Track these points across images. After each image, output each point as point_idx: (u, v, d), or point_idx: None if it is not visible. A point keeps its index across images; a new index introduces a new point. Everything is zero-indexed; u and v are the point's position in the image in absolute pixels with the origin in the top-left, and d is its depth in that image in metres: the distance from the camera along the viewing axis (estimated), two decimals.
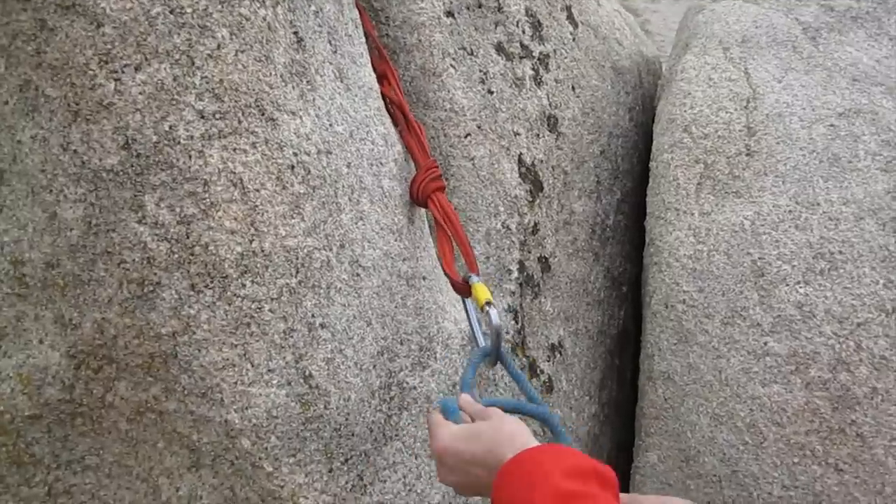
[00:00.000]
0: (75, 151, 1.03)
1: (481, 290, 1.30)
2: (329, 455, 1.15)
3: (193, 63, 1.04)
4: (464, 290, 1.35)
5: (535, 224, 1.81)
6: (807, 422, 1.48)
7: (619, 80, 2.25)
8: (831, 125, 1.66)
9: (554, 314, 1.86)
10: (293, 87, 1.16)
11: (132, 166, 1.03)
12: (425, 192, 1.46)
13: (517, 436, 0.99)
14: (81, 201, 1.05)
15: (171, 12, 1.02)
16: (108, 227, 1.05)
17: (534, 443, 0.98)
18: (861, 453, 1.44)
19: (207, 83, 1.05)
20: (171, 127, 1.03)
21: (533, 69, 1.87)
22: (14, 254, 1.10)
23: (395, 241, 1.33)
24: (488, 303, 1.25)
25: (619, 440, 2.16)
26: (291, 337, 1.12)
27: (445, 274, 1.43)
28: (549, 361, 1.82)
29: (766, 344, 1.54)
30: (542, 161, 1.84)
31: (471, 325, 1.42)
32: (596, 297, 2.06)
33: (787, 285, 1.54)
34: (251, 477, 1.12)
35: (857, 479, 1.44)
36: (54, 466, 1.18)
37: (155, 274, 1.05)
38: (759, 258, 1.58)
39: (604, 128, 2.13)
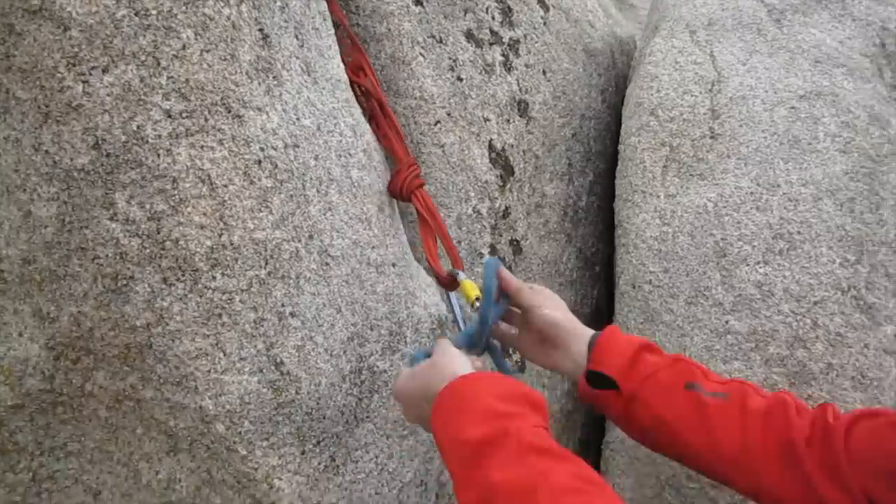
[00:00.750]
0: (47, 152, 1.07)
1: (470, 287, 1.36)
2: (301, 438, 1.20)
3: (159, 64, 1.07)
4: (449, 284, 1.41)
5: (507, 208, 1.85)
6: None
7: (592, 62, 2.28)
8: (792, 107, 1.70)
9: None
10: (259, 84, 1.19)
11: (102, 165, 1.07)
12: (409, 188, 1.51)
13: (452, 366, 1.09)
14: (55, 200, 1.09)
15: (136, 15, 1.05)
16: (81, 224, 1.09)
17: (469, 371, 1.07)
18: None
19: (174, 83, 1.08)
20: (139, 127, 1.06)
21: (503, 55, 1.91)
22: None
23: (364, 229, 1.37)
24: (478, 299, 1.31)
25: (594, 416, 2.22)
26: (262, 326, 1.16)
27: (430, 268, 1.48)
28: None
29: (727, 322, 1.59)
30: (512, 146, 1.88)
31: (455, 318, 1.47)
32: (569, 277, 2.11)
33: (748, 265, 1.59)
34: (226, 460, 1.17)
35: None
36: (38, 453, 1.23)
37: (128, 268, 1.09)
38: (722, 239, 1.63)
39: (575, 111, 2.17)
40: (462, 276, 1.38)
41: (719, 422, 1.11)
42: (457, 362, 1.11)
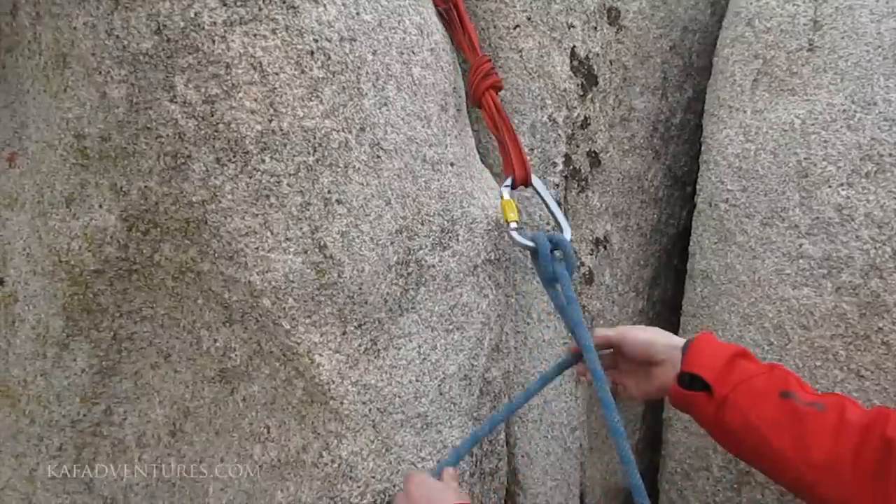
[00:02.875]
0: (118, 37, 1.15)
1: (509, 207, 1.39)
2: (343, 319, 1.28)
3: None
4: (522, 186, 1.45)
5: (586, 118, 1.82)
6: (833, 326, 1.47)
7: None
8: None
9: (601, 209, 1.89)
10: None
11: (164, 50, 1.15)
12: (478, 90, 1.51)
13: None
14: (124, 82, 1.18)
15: None
16: (146, 105, 1.18)
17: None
18: (885, 361, 1.42)
19: None
20: (196, 14, 1.13)
21: None
22: (76, 129, 1.26)
23: (423, 127, 1.40)
24: (516, 223, 1.36)
25: None
26: (308, 210, 1.23)
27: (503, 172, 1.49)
28: (591, 255, 1.86)
29: (801, 246, 1.51)
30: (598, 55, 1.83)
31: (550, 209, 1.49)
32: (653, 195, 2.06)
33: (830, 187, 1.50)
34: (273, 333, 1.27)
35: (878, 387, 1.43)
36: (118, 315, 1.37)
37: (186, 148, 1.18)
38: (805, 158, 1.54)
39: (677, 22, 2.06)
40: (506, 193, 1.40)
41: (813, 431, 1.11)
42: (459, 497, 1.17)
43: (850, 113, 1.52)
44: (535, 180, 1.50)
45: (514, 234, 1.38)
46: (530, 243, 1.37)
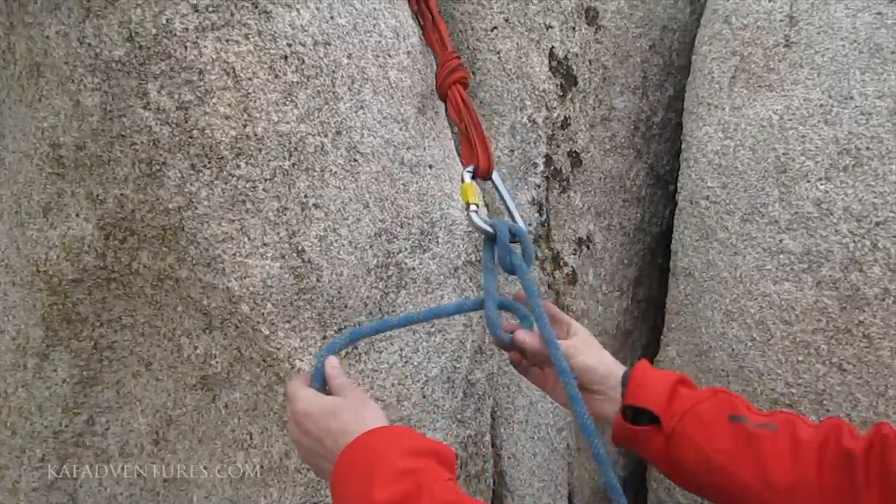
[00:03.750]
0: (90, 44, 1.15)
1: (470, 191, 1.34)
2: (322, 324, 1.28)
3: None
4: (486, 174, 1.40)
5: (566, 118, 1.82)
6: (814, 320, 1.47)
7: None
8: (878, 13, 1.56)
9: (583, 208, 1.89)
10: None
11: (136, 57, 1.14)
12: (443, 86, 1.51)
13: (359, 417, 1.00)
14: (97, 89, 1.17)
15: None
16: (120, 113, 1.17)
17: (374, 424, 0.99)
18: (866, 354, 1.43)
19: None
20: (167, 20, 1.13)
21: None
22: (52, 137, 1.25)
23: (400, 130, 1.40)
24: (475, 205, 1.31)
25: (656, 337, 2.20)
26: (284, 215, 1.23)
27: (462, 163, 1.47)
28: (575, 255, 1.87)
29: (781, 241, 1.52)
30: (577, 55, 1.83)
31: (507, 205, 1.45)
32: (636, 194, 2.06)
33: (809, 182, 1.50)
34: (252, 339, 1.26)
35: (860, 380, 1.44)
36: (98, 324, 1.37)
37: (160, 154, 1.18)
38: (784, 154, 1.54)
39: (656, 21, 2.07)
40: (468, 178, 1.37)
41: (770, 454, 1.05)
42: (366, 412, 1.03)
43: (828, 107, 1.53)
44: (495, 175, 1.47)
45: (474, 216, 1.34)
46: (489, 228, 1.32)
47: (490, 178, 1.47)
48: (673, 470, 1.15)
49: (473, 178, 1.43)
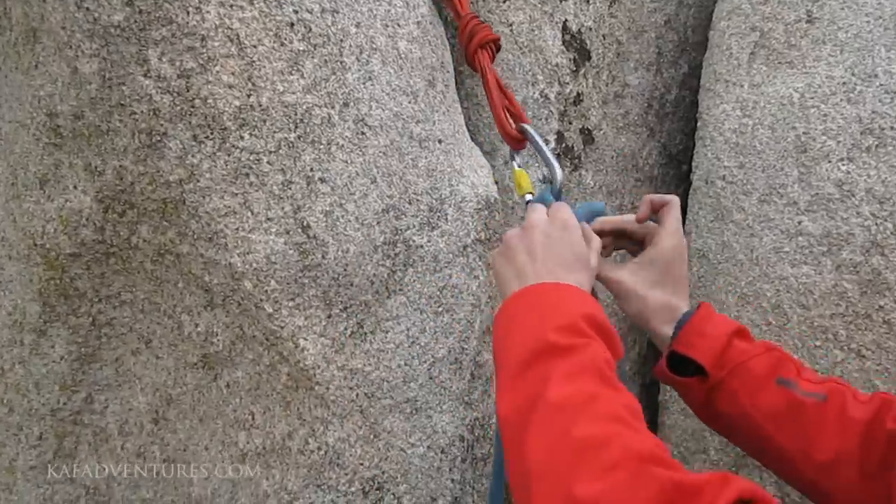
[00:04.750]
0: (88, 9, 1.10)
1: (522, 177, 1.29)
2: (328, 302, 1.24)
3: None
4: (518, 141, 1.35)
5: (579, 94, 1.77)
6: (833, 305, 1.43)
7: None
8: None
9: (595, 187, 1.85)
10: None
11: (136, 22, 1.10)
12: (469, 51, 1.44)
13: (584, 251, 1.05)
14: (96, 56, 1.13)
15: None
16: (119, 81, 1.13)
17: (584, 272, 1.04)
18: (886, 340, 1.39)
19: None
20: None
21: None
22: (49, 106, 1.21)
23: (409, 103, 1.35)
24: (531, 194, 1.26)
25: None
26: (289, 189, 1.18)
27: (500, 131, 1.38)
28: None
29: (800, 223, 1.47)
30: (590, 29, 1.78)
31: (544, 156, 1.38)
32: (648, 173, 2.02)
33: (830, 162, 1.45)
34: (255, 317, 1.23)
35: (879, 367, 1.40)
36: (96, 300, 1.33)
37: (161, 125, 1.13)
38: (804, 133, 1.50)
39: None
40: (516, 163, 1.32)
41: (814, 424, 1.02)
42: (587, 250, 1.06)
43: (851, 85, 1.47)
44: (526, 129, 1.36)
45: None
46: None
47: (525, 141, 1.37)
48: (710, 418, 1.15)
49: (517, 153, 1.35)
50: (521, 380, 0.89)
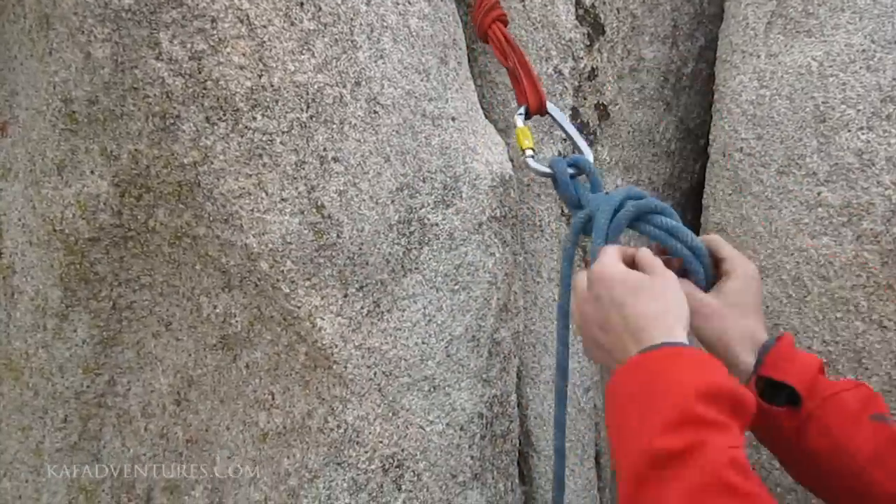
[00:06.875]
0: None
1: (524, 135, 1.33)
2: (344, 281, 1.24)
3: None
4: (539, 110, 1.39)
5: (594, 69, 1.75)
6: (854, 276, 1.41)
7: None
8: None
9: (611, 163, 1.83)
10: None
11: (146, 5, 1.10)
12: (483, 24, 1.46)
13: (677, 320, 0.95)
14: (108, 40, 1.13)
15: None
16: (131, 65, 1.13)
17: (682, 337, 0.93)
18: None
19: None
20: None
21: None
22: (63, 93, 1.22)
23: (421, 80, 1.35)
24: (532, 150, 1.33)
25: None
26: (303, 169, 1.18)
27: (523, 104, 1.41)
28: None
29: (819, 194, 1.45)
30: (604, 3, 1.76)
31: (568, 133, 1.42)
32: (665, 148, 2.00)
33: (849, 131, 1.43)
34: (272, 297, 1.23)
35: None
36: (116, 284, 1.35)
37: (174, 107, 1.14)
38: (823, 102, 1.47)
39: None
40: (520, 122, 1.35)
41: None
42: (683, 315, 0.96)
43: (870, 53, 1.45)
44: (550, 107, 1.41)
45: (531, 161, 1.31)
46: (547, 169, 1.29)
47: (547, 113, 1.41)
48: (797, 461, 1.06)
49: (527, 118, 1.39)
50: (639, 491, 0.82)
